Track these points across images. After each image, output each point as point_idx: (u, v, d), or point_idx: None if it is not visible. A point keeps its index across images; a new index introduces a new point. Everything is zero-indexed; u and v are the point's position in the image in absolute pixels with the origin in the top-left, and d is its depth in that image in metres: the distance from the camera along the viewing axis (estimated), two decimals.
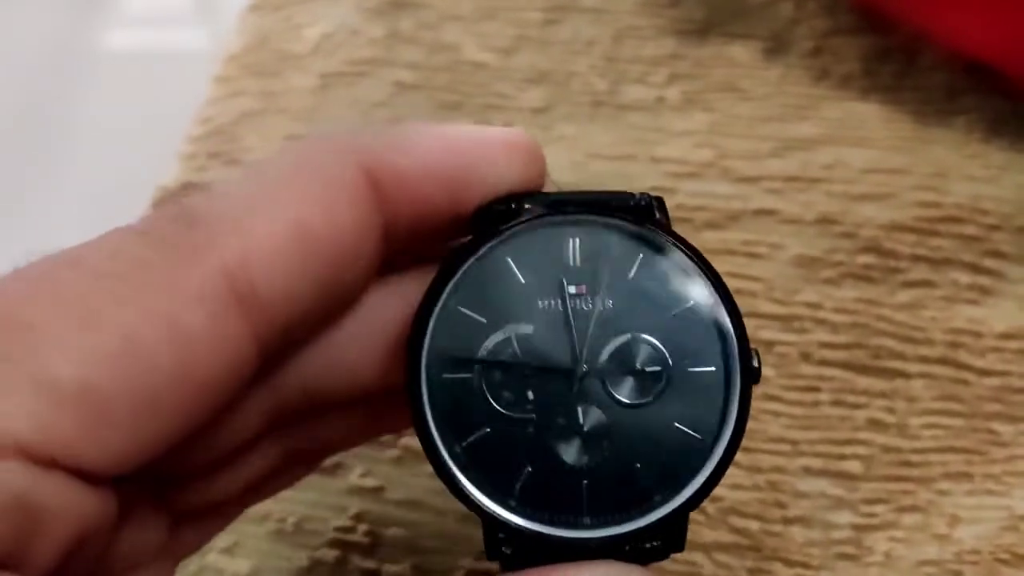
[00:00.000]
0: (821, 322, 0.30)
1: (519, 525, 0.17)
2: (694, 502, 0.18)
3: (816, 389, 0.29)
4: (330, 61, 0.36)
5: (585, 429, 0.18)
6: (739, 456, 0.28)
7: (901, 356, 0.29)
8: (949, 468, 0.28)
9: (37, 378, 0.15)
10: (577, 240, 0.18)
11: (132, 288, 0.16)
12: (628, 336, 0.18)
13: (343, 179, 0.17)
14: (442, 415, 0.18)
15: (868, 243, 0.31)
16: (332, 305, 0.18)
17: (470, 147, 0.18)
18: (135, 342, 0.16)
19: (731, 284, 0.30)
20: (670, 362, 0.18)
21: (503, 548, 0.18)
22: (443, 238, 0.19)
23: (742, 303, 0.30)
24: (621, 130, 0.34)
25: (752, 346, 0.18)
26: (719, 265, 0.30)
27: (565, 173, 0.33)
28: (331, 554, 0.27)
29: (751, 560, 0.27)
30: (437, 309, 0.18)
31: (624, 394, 0.18)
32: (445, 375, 0.18)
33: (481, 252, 0.18)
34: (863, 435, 0.28)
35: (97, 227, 0.18)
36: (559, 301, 0.18)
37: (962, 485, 0.28)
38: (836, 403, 0.29)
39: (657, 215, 0.19)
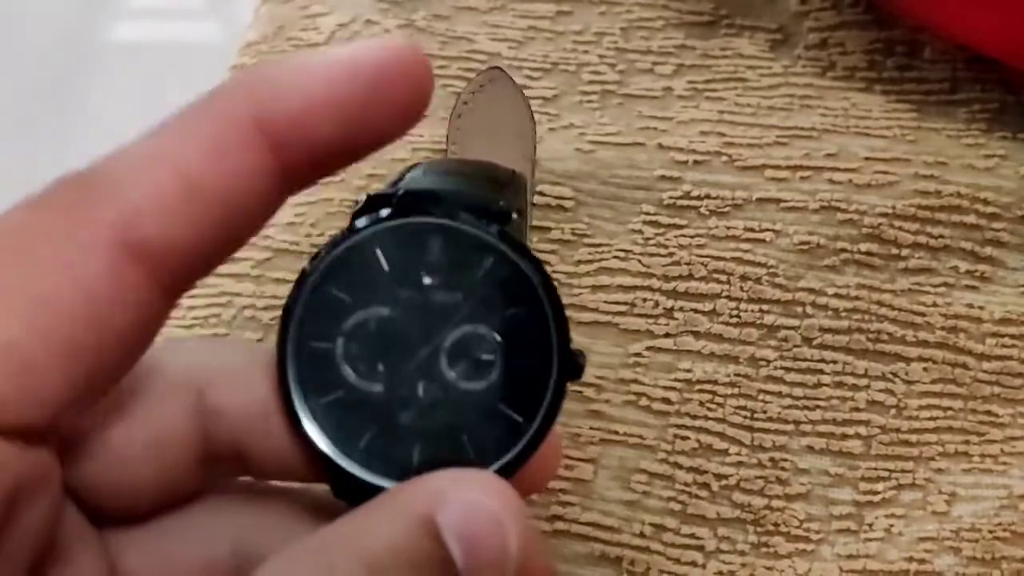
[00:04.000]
0: (823, 307, 0.31)
1: (357, 474, 0.20)
2: (503, 474, 0.20)
3: (818, 371, 0.30)
4: None
5: (423, 401, 0.20)
6: (742, 434, 0.29)
7: (901, 341, 0.30)
8: (947, 448, 0.29)
9: None
10: (439, 240, 0.21)
11: (32, 249, 0.18)
12: (470, 327, 0.20)
13: (229, 131, 0.18)
14: (304, 376, 0.20)
15: (870, 231, 0.32)
16: (235, 238, 0.19)
17: (355, 79, 0.19)
18: (44, 297, 0.17)
19: (735, 269, 0.31)
20: (503, 353, 0.20)
21: (344, 495, 0.20)
22: (345, 163, 0.20)
23: (746, 288, 0.31)
24: (629, 119, 0.34)
25: (576, 348, 0.21)
26: (724, 251, 0.31)
27: (573, 161, 0.33)
28: None
29: (753, 534, 0.28)
30: (309, 285, 0.20)
31: (460, 376, 0.20)
32: (311, 342, 0.20)
33: (352, 241, 0.20)
34: (863, 416, 0.29)
35: None
36: (416, 291, 0.20)
37: (960, 464, 0.28)
38: (837, 385, 0.29)
39: (514, 218, 0.21)
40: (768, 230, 0.32)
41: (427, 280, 0.20)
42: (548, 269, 0.21)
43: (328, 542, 0.18)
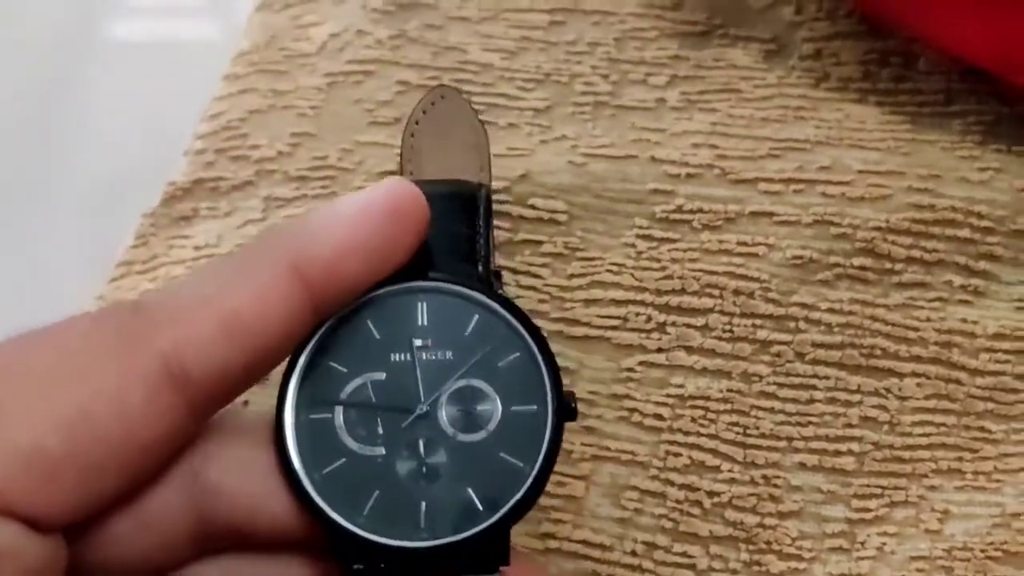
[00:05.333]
0: (816, 322, 0.30)
1: (364, 537, 0.20)
2: (512, 518, 0.21)
3: (810, 387, 0.30)
4: (337, 61, 0.37)
5: (425, 459, 0.21)
6: (735, 451, 0.29)
7: (895, 356, 0.30)
8: (940, 465, 0.28)
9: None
10: (425, 304, 0.22)
11: (85, 367, 0.19)
12: (464, 382, 0.21)
13: (270, 280, 0.20)
14: (305, 448, 0.21)
15: (864, 244, 0.31)
16: (267, 368, 0.21)
17: (372, 223, 0.21)
18: (86, 414, 0.19)
19: (728, 284, 0.31)
20: (498, 403, 0.21)
21: (354, 565, 0.20)
22: (363, 290, 0.22)
23: (739, 303, 0.31)
24: (622, 131, 0.34)
25: (568, 390, 0.22)
26: (717, 265, 0.31)
27: (566, 174, 0.33)
28: None
29: (745, 553, 0.27)
30: (303, 358, 0.21)
31: (459, 429, 0.21)
32: (310, 415, 0.21)
33: (342, 314, 0.21)
34: (856, 432, 0.29)
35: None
36: (408, 353, 0.21)
37: (953, 481, 0.28)
38: (830, 401, 0.29)
39: (494, 284, 0.23)
40: (761, 244, 0.32)
41: (418, 342, 0.21)
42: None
43: None
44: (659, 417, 0.29)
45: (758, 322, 0.30)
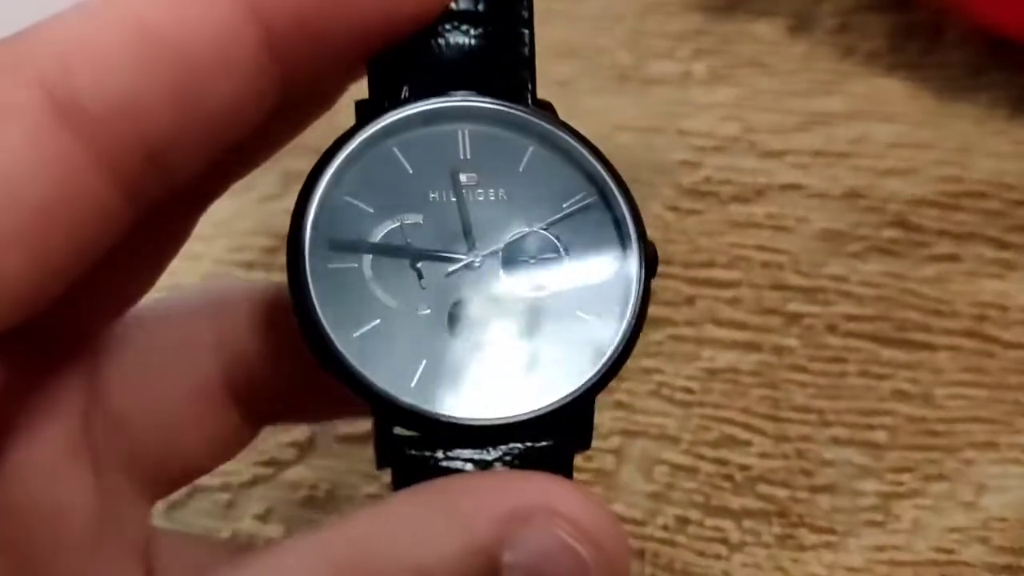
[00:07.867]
0: (847, 295, 0.30)
1: (420, 409, 0.16)
2: (596, 388, 0.17)
3: (842, 360, 0.29)
4: None
5: (483, 320, 0.17)
6: (766, 424, 0.28)
7: (926, 329, 0.30)
8: (975, 438, 0.28)
9: None
10: (467, 131, 0.17)
11: None
12: (523, 227, 0.17)
13: None
14: (329, 306, 0.16)
15: (893, 217, 0.31)
16: (211, 128, 0.16)
17: None
18: None
19: (757, 257, 0.31)
20: (566, 252, 0.17)
21: (403, 448, 0.16)
22: (348, 69, 0.17)
23: (769, 276, 0.30)
24: (647, 104, 0.34)
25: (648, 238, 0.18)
26: (746, 238, 0.31)
27: None
28: None
29: (778, 527, 0.27)
30: (318, 196, 0.17)
31: (521, 283, 0.17)
32: (331, 264, 0.17)
33: (364, 138, 0.17)
34: (888, 405, 0.29)
35: None
36: (450, 192, 0.17)
37: (987, 454, 0.28)
38: (862, 374, 0.29)
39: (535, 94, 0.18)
40: (790, 217, 0.31)
41: (463, 178, 0.17)
42: None
43: (365, 540, 0.15)
44: (689, 391, 0.29)
45: (788, 295, 0.30)
